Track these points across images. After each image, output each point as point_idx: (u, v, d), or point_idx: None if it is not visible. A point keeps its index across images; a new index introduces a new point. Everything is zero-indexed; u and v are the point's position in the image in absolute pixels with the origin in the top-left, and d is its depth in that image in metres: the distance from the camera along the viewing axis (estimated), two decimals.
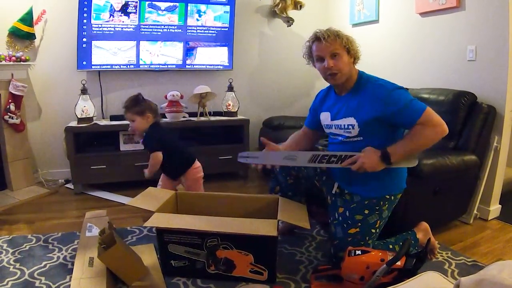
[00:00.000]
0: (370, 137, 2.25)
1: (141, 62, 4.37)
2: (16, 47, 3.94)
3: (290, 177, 2.69)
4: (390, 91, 2.16)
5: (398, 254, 2.05)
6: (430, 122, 2.11)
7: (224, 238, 2.22)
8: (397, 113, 2.15)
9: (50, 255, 2.60)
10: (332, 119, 2.40)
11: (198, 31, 4.52)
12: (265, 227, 2.17)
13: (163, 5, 4.31)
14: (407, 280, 1.52)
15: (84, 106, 3.97)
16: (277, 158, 2.43)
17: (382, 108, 2.16)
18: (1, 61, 3.66)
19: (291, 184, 2.71)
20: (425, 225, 2.57)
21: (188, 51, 4.54)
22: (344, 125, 2.31)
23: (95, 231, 2.66)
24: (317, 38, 2.26)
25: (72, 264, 2.38)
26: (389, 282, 2.05)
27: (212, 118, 4.46)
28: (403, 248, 2.07)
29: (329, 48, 2.22)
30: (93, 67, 4.21)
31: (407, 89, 2.26)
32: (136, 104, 3.07)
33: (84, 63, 4.16)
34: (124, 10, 4.17)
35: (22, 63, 3.84)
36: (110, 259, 2.14)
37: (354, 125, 2.26)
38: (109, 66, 4.27)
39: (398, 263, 2.07)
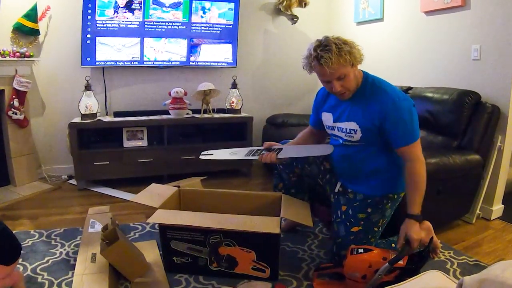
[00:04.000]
0: (370, 144, 2.24)
1: (145, 59, 4.37)
2: (21, 43, 3.94)
3: (293, 174, 2.69)
4: (400, 106, 2.12)
5: (400, 253, 2.05)
6: (415, 154, 2.14)
7: (227, 235, 2.23)
8: (391, 129, 2.14)
9: (53, 250, 2.61)
10: (334, 121, 2.38)
11: (202, 28, 4.52)
12: (267, 225, 2.18)
13: (167, 1, 4.30)
14: (409, 279, 1.52)
15: (88, 103, 3.98)
16: (225, 154, 2.60)
17: (382, 117, 2.14)
18: (5, 57, 3.67)
19: (294, 181, 2.72)
20: (427, 224, 2.56)
21: (192, 48, 4.54)
22: (347, 129, 2.29)
23: (98, 227, 2.67)
24: (318, 60, 2.07)
25: (75, 260, 2.39)
26: (391, 281, 2.04)
27: (216, 115, 4.46)
28: (406, 247, 2.07)
29: (334, 74, 2.10)
30: (97, 63, 4.21)
31: (409, 89, 2.24)
32: None
33: (88, 59, 4.16)
34: (129, 6, 4.18)
35: (26, 59, 3.85)
36: (112, 255, 2.15)
37: (356, 130, 2.24)
38: (113, 63, 4.27)
39: (400, 262, 2.06)
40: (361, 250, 2.16)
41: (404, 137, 2.13)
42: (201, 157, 2.66)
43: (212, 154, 2.65)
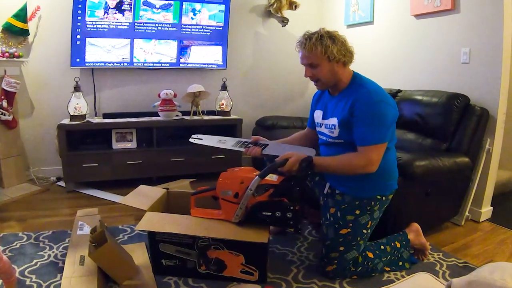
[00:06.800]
0: (350, 142, 2.24)
1: (134, 60, 4.35)
2: (10, 43, 3.91)
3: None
4: (371, 102, 2.16)
5: (270, 166, 2.11)
6: (368, 156, 2.13)
7: (216, 239, 2.22)
8: (355, 124, 2.18)
9: (41, 253, 2.58)
10: (323, 118, 2.43)
11: (192, 29, 4.51)
12: (256, 234, 2.18)
13: (158, 3, 4.29)
14: (398, 282, 1.52)
15: (77, 104, 3.95)
16: (214, 140, 2.68)
17: (353, 110, 2.18)
18: None
19: None
20: (416, 226, 2.58)
21: (182, 50, 4.53)
22: (329, 125, 2.35)
23: (87, 229, 2.65)
24: (297, 43, 2.31)
25: (63, 262, 2.37)
26: (266, 201, 2.12)
27: (205, 117, 4.45)
28: (277, 162, 2.12)
29: (306, 58, 2.27)
30: (86, 64, 4.19)
31: (398, 91, 2.24)
32: None
33: (78, 60, 4.13)
34: (119, 7, 4.16)
35: (15, 59, 3.83)
36: (101, 258, 2.13)
37: (335, 125, 2.29)
38: (102, 64, 4.25)
39: (274, 179, 2.10)
40: (236, 169, 2.22)
41: (362, 136, 2.16)
42: (190, 139, 2.76)
43: (201, 139, 2.73)
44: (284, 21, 4.93)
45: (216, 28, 4.60)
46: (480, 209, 3.29)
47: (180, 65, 4.57)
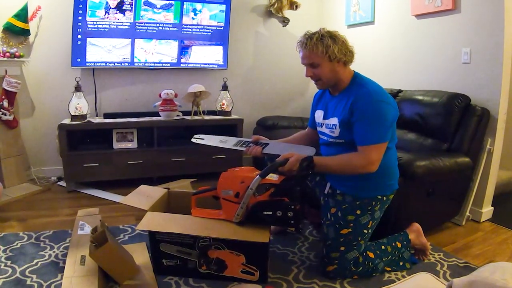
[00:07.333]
0: (351, 142, 2.25)
1: (135, 60, 4.35)
2: (11, 43, 3.92)
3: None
4: (371, 102, 2.15)
5: (271, 166, 2.13)
6: (368, 156, 2.13)
7: (216, 239, 2.22)
8: (355, 124, 2.18)
9: (42, 253, 2.58)
10: (323, 118, 2.43)
11: (193, 29, 4.51)
12: (257, 233, 2.18)
13: (158, 3, 4.29)
14: (398, 282, 1.52)
15: (78, 104, 3.95)
16: (215, 140, 2.72)
17: (353, 109, 2.18)
18: None
19: None
20: (417, 226, 2.58)
21: (183, 50, 4.53)
22: (330, 124, 2.35)
23: (87, 229, 2.65)
24: (298, 43, 2.31)
25: (64, 262, 2.37)
26: (267, 201, 2.13)
27: (206, 117, 4.45)
28: (277, 162, 2.14)
29: (307, 58, 2.27)
30: (87, 64, 4.19)
31: (399, 91, 2.24)
32: None
33: (79, 60, 4.13)
34: (120, 7, 4.16)
35: (16, 59, 3.82)
36: (101, 258, 2.13)
37: (336, 125, 2.29)
38: (103, 64, 4.25)
39: (275, 178, 2.13)
40: (236, 169, 2.24)
41: (362, 135, 2.16)
42: (192, 140, 2.81)
43: (203, 139, 2.76)
44: (285, 21, 4.93)
45: (217, 28, 4.60)
46: (480, 209, 3.28)
47: (181, 65, 4.57)
